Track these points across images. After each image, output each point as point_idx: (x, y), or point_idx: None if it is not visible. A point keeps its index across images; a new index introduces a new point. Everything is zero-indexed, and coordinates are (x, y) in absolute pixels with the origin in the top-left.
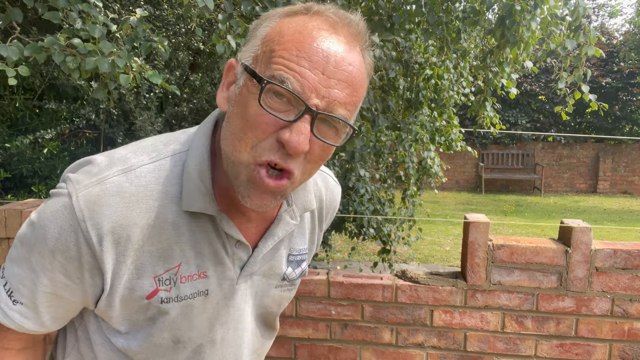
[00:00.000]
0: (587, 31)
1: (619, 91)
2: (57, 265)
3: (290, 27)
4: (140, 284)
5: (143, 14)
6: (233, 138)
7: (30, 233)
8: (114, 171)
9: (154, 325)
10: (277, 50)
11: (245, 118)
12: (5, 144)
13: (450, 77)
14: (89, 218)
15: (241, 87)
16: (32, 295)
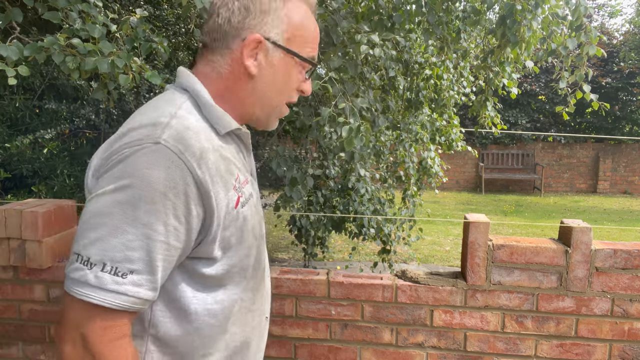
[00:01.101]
0: (589, 30)
1: (619, 91)
2: (169, 206)
3: (302, 18)
4: (230, 196)
5: (143, 14)
6: (277, 90)
7: (129, 192)
8: (166, 118)
9: (244, 230)
10: (308, 42)
11: (286, 80)
12: (5, 144)
13: (450, 77)
14: (185, 150)
15: (281, 59)
16: (148, 254)
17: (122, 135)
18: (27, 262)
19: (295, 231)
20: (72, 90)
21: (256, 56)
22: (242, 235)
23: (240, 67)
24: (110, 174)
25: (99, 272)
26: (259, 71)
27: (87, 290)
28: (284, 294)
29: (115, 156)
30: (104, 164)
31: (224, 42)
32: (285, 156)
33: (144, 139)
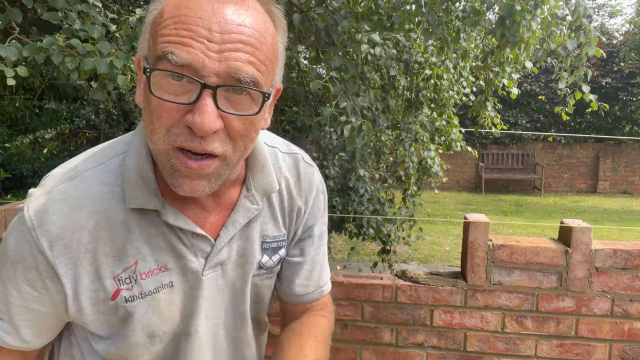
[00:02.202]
0: (588, 31)
1: (619, 91)
2: (20, 275)
3: (169, 4)
4: (101, 285)
5: (142, 14)
6: (148, 131)
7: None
8: (63, 179)
9: (127, 325)
10: (158, 31)
11: (150, 110)
12: (5, 144)
13: (450, 77)
14: (38, 226)
15: (144, 82)
16: (7, 309)
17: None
18: None
19: None
20: (72, 90)
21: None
22: (125, 332)
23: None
24: None
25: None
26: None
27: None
28: None
29: None
30: None
31: None
32: None
33: (24, 203)
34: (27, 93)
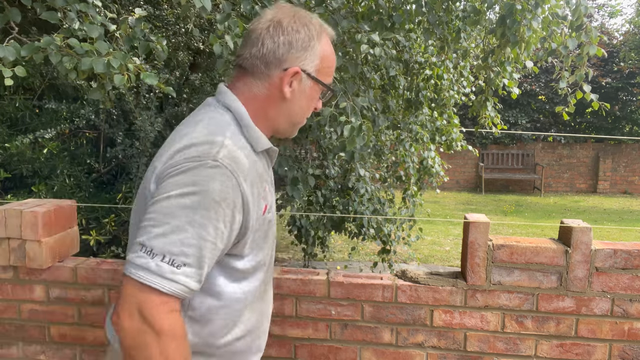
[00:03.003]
0: (589, 30)
1: (619, 91)
2: (221, 214)
3: (330, 52)
4: (260, 204)
5: (142, 13)
6: (301, 112)
7: (191, 198)
8: (221, 140)
9: (267, 238)
10: (329, 69)
11: (309, 102)
12: (5, 144)
13: (450, 77)
14: (237, 168)
15: (311, 87)
16: (199, 251)
17: (182, 149)
18: (27, 262)
19: (295, 231)
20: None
21: (291, 83)
22: (267, 236)
23: (276, 91)
24: (174, 181)
25: (159, 261)
26: (291, 96)
27: (148, 275)
28: (284, 294)
29: (176, 167)
30: (166, 172)
31: (265, 68)
32: (286, 156)
33: (202, 156)
34: (27, 93)
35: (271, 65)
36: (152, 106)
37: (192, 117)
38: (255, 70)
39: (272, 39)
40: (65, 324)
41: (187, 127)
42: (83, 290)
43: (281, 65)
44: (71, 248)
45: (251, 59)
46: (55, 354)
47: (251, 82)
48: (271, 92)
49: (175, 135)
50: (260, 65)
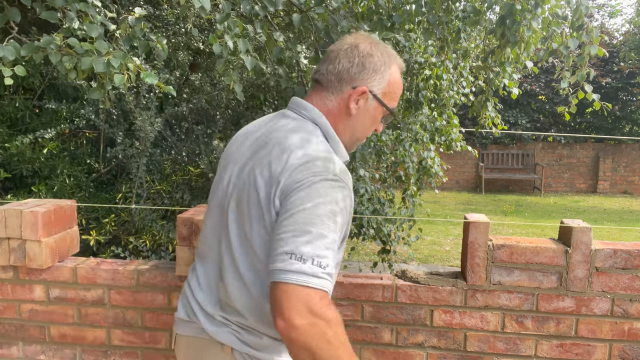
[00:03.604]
0: (590, 30)
1: (619, 91)
2: (339, 223)
3: (397, 80)
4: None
5: (142, 13)
6: (363, 129)
7: (325, 209)
8: (331, 156)
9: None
10: (395, 95)
11: (372, 121)
12: (5, 144)
13: (450, 77)
14: (348, 181)
15: (375, 107)
16: (332, 253)
17: (302, 165)
18: (27, 262)
19: None
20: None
21: (358, 101)
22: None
23: (344, 106)
24: (305, 195)
25: (310, 264)
26: (356, 112)
27: (306, 277)
28: None
29: (303, 182)
30: (294, 187)
31: (338, 84)
32: None
33: (323, 172)
34: (27, 93)
35: (343, 82)
36: (152, 106)
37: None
38: (330, 85)
39: (348, 58)
40: (65, 324)
41: (295, 144)
42: (83, 290)
43: (352, 83)
44: (71, 248)
45: (327, 74)
46: (55, 354)
47: (326, 96)
48: (340, 107)
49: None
50: (334, 81)
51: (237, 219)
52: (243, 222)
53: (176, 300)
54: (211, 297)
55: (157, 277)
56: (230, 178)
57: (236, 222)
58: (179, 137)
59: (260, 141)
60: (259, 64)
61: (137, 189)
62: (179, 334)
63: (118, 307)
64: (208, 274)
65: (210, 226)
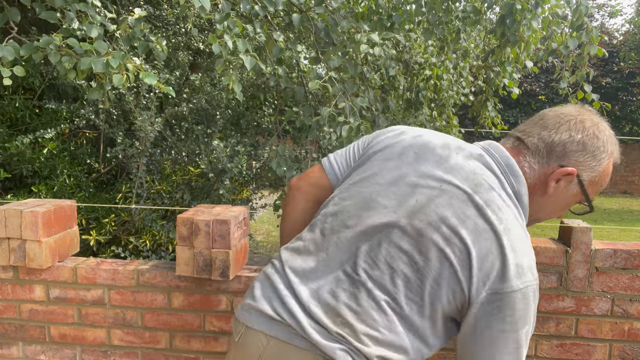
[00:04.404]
0: (590, 30)
1: (619, 91)
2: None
3: (608, 174)
4: None
5: (141, 13)
6: (550, 211)
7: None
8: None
9: None
10: (599, 188)
11: (563, 208)
12: (5, 144)
13: (450, 78)
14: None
15: (574, 194)
16: None
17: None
18: (27, 262)
19: None
20: (72, 90)
21: (559, 181)
22: None
23: (542, 182)
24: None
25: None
26: (553, 192)
27: None
28: None
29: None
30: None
31: (546, 155)
32: (286, 156)
33: (530, 286)
34: (27, 93)
35: (553, 155)
36: (152, 106)
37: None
38: (536, 152)
39: (569, 132)
40: (65, 324)
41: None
42: (83, 290)
43: (562, 160)
44: (71, 248)
45: (538, 140)
46: (55, 354)
47: (529, 162)
48: (539, 180)
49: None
50: (543, 150)
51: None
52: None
53: (176, 300)
54: (328, 304)
55: (157, 277)
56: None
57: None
58: (179, 137)
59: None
60: (259, 64)
61: (137, 189)
62: (251, 328)
63: (118, 307)
64: (329, 273)
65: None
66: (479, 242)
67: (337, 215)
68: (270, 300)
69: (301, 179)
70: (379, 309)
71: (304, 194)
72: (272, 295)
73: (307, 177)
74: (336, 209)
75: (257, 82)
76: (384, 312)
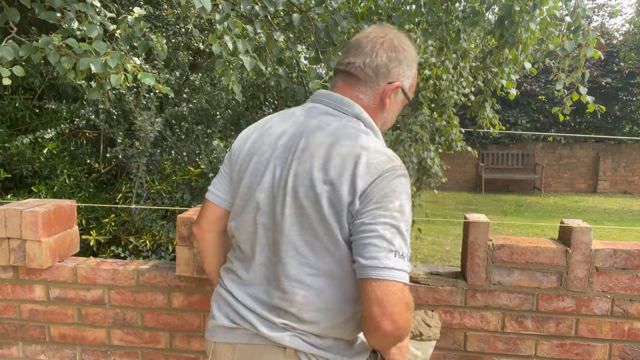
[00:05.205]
0: (587, 32)
1: (619, 91)
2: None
3: (416, 73)
4: None
5: (141, 12)
6: (391, 119)
7: (404, 207)
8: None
9: None
10: (413, 88)
11: (396, 114)
12: (5, 144)
13: (450, 78)
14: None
15: (401, 101)
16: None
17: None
18: (27, 262)
19: None
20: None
21: (391, 96)
22: None
23: (379, 100)
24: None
25: (406, 262)
26: (389, 105)
27: (405, 276)
28: None
29: (383, 183)
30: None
31: (376, 78)
32: None
33: (397, 167)
34: (27, 93)
35: (381, 76)
36: (152, 106)
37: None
38: (367, 79)
39: (386, 53)
40: (65, 324)
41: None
42: (83, 290)
43: (388, 78)
44: (71, 248)
45: (364, 68)
46: (55, 354)
47: (361, 90)
48: (376, 101)
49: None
50: (372, 75)
51: (299, 222)
52: (312, 226)
53: (176, 300)
54: (266, 302)
55: (157, 277)
56: (278, 179)
57: (299, 224)
58: (179, 137)
59: (310, 141)
60: (258, 65)
61: (137, 189)
62: (218, 342)
63: (118, 307)
64: (258, 278)
65: (249, 230)
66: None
67: (239, 228)
68: (227, 314)
69: (199, 223)
70: (304, 286)
71: (208, 232)
72: (227, 309)
73: (203, 217)
74: (237, 223)
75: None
76: (309, 286)
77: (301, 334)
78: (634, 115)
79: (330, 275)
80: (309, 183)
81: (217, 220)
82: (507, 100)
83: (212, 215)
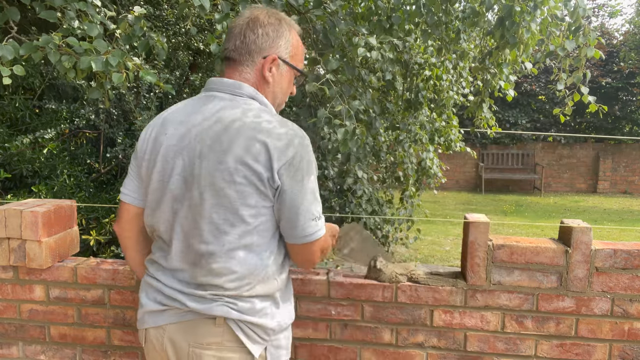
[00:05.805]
0: (587, 32)
1: (619, 91)
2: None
3: (299, 42)
4: None
5: (141, 11)
6: (282, 93)
7: (313, 174)
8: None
9: None
10: (300, 57)
11: (288, 85)
12: (5, 144)
13: (450, 78)
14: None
15: (287, 71)
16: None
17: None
18: (27, 262)
19: None
20: (72, 90)
21: (271, 69)
22: None
23: (260, 76)
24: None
25: (320, 222)
26: (273, 80)
27: (322, 231)
28: None
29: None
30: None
31: (250, 56)
32: None
33: (301, 137)
34: (27, 93)
35: (254, 54)
36: (152, 106)
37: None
38: (244, 59)
39: (252, 31)
40: (65, 324)
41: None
42: (83, 290)
43: (262, 53)
44: (71, 248)
45: (237, 50)
46: (55, 354)
47: (243, 70)
48: (258, 77)
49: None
50: (245, 54)
51: (218, 203)
52: (231, 204)
53: None
54: (192, 282)
55: None
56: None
57: (218, 205)
58: None
59: (213, 127)
60: None
61: None
62: (150, 328)
63: (118, 307)
64: (182, 263)
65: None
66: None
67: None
68: (155, 298)
69: (119, 223)
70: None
71: (128, 231)
72: (156, 294)
73: (121, 218)
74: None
75: None
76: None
77: (228, 302)
78: (634, 115)
79: (249, 247)
80: (223, 166)
81: (134, 218)
82: (507, 100)
83: (128, 215)
